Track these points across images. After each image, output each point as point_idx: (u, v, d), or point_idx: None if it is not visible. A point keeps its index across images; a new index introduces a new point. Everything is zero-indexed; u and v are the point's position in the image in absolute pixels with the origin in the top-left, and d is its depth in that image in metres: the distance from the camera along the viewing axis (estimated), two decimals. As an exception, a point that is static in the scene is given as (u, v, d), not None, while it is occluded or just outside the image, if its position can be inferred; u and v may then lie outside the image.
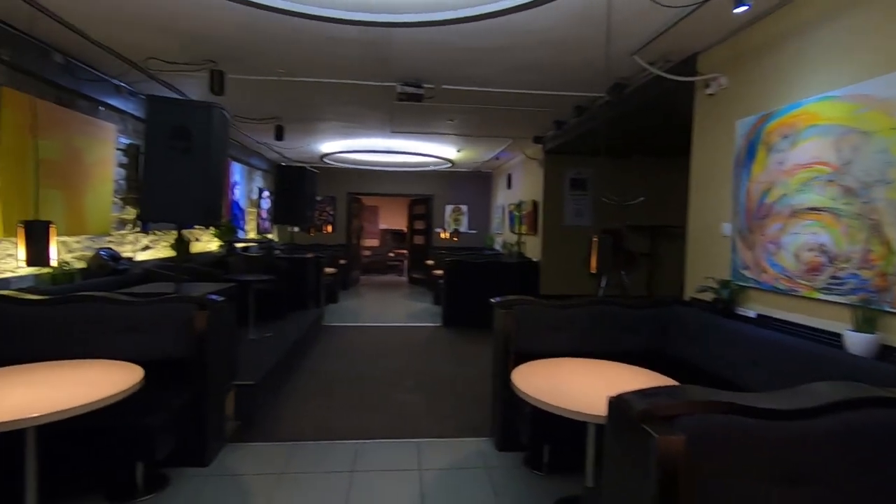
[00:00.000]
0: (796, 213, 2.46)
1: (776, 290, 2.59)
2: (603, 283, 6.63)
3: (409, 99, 4.19)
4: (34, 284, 3.37)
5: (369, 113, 5.51)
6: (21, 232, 1.90)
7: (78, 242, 4.01)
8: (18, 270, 3.37)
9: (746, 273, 2.79)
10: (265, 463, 2.82)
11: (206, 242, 6.65)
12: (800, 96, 2.46)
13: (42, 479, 2.01)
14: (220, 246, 6.78)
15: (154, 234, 5.21)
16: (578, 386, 2.28)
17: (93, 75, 3.87)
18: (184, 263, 5.05)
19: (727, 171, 2.97)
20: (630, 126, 5.11)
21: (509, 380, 3.00)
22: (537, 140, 6.35)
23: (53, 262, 2.47)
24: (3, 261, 3.26)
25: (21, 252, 1.87)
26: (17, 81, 3.32)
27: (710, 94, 3.14)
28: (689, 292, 3.32)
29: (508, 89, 4.37)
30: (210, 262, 5.48)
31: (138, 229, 4.94)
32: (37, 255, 1.90)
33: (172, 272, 4.16)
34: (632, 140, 5.97)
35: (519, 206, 7.96)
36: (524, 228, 7.54)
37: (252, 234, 8.59)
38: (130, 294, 2.86)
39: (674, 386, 1.87)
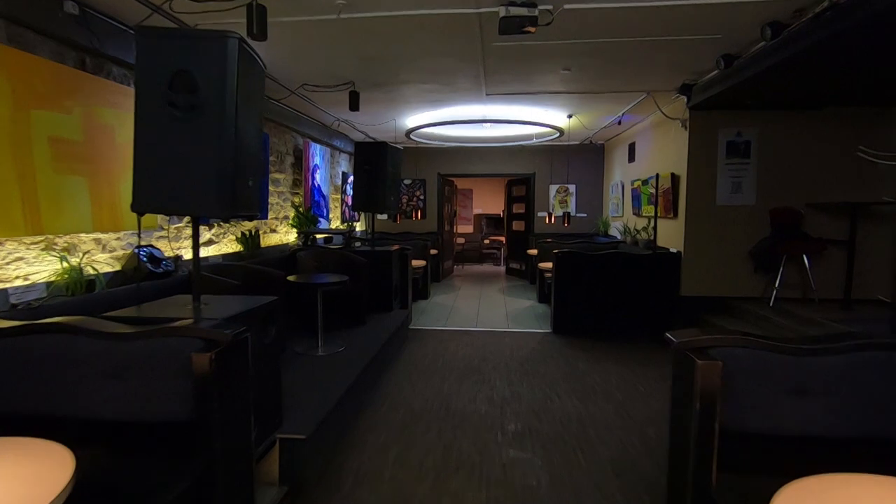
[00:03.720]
0: None
1: None
2: (777, 283, 4.88)
3: (516, 28, 2.93)
4: (44, 294, 2.70)
5: (459, 67, 4.32)
6: None
7: (118, 240, 3.35)
8: (31, 277, 2.73)
9: None
10: (305, 584, 1.82)
11: (284, 234, 5.97)
12: None
13: None
14: (298, 237, 6.09)
15: (218, 226, 4.54)
16: None
17: (113, 28, 3.11)
18: (244, 261, 4.32)
19: None
20: (842, 55, 3.37)
21: (709, 478, 1.72)
22: (684, 89, 4.71)
23: None
24: (9, 266, 2.61)
25: None
26: (18, 38, 2.61)
27: None
28: None
29: (658, 1, 2.93)
30: (275, 260, 4.71)
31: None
32: None
33: (222, 275, 3.37)
34: (834, 81, 4.15)
35: (647, 182, 6.34)
36: (660, 210, 5.93)
37: (336, 224, 7.90)
38: (121, 319, 1.99)
39: None
